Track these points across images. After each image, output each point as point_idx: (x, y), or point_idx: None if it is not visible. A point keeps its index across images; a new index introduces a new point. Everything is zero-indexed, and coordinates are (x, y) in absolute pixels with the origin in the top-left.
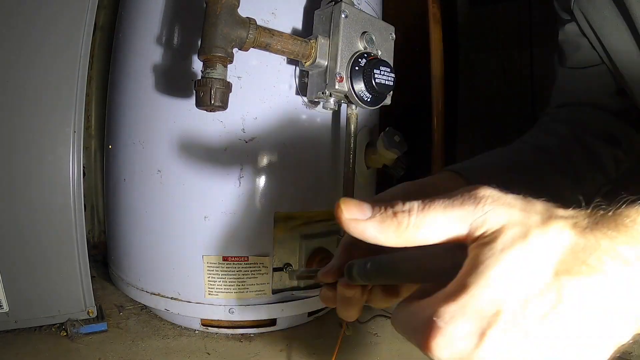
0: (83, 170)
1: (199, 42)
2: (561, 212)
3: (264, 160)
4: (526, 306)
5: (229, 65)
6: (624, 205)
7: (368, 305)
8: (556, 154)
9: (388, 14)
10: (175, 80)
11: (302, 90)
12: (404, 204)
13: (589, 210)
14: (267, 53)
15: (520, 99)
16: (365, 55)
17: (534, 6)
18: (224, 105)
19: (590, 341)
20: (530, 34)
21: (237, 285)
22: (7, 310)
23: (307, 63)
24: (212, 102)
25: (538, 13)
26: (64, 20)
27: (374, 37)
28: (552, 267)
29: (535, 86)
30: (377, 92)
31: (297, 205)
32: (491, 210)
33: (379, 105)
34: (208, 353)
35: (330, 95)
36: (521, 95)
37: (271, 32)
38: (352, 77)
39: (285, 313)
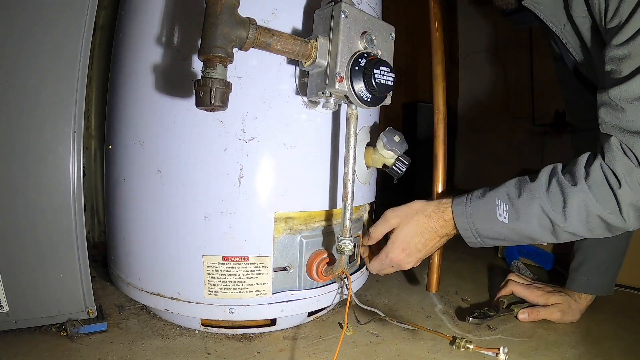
0: (83, 170)
1: (199, 42)
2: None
3: (264, 160)
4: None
5: (229, 65)
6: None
7: (368, 309)
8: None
9: (388, 14)
10: (175, 80)
11: (302, 90)
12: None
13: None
14: (267, 53)
15: (519, 98)
16: (365, 55)
17: None
18: (224, 105)
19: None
20: (530, 36)
21: (237, 285)
22: (7, 310)
23: (307, 63)
24: (212, 102)
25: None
26: (64, 20)
27: (374, 37)
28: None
29: (535, 86)
30: (377, 92)
31: (297, 205)
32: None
33: (379, 105)
34: (208, 353)
35: (330, 95)
36: (520, 94)
37: (271, 32)
38: (352, 77)
39: (285, 313)
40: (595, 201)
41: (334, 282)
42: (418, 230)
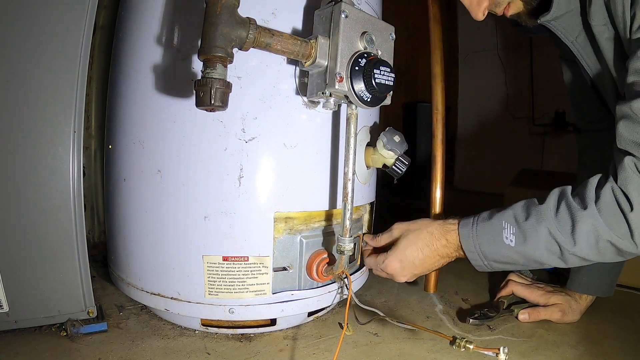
0: (83, 170)
1: (199, 42)
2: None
3: (264, 160)
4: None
5: (229, 65)
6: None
7: (368, 309)
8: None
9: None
10: (175, 80)
11: (302, 90)
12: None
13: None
14: (267, 53)
15: (519, 98)
16: (365, 55)
17: None
18: (224, 105)
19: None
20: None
21: (237, 285)
22: (7, 310)
23: (307, 63)
24: (212, 102)
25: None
26: (64, 20)
27: (374, 37)
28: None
29: (535, 86)
30: (377, 92)
31: (297, 205)
32: (395, 230)
33: (379, 105)
34: (208, 353)
35: (330, 95)
36: (520, 94)
37: (271, 32)
38: (352, 77)
39: (285, 313)
40: (605, 226)
41: (334, 282)
42: (418, 246)
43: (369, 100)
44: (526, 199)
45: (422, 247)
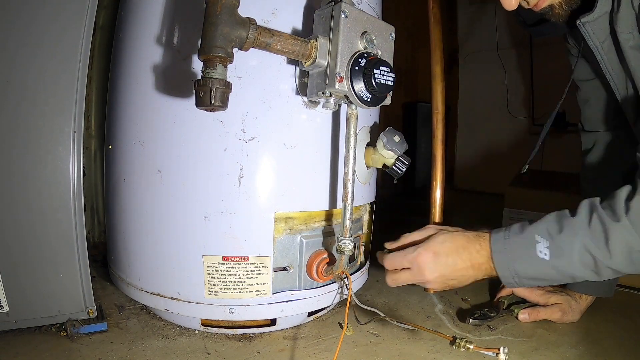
0: (83, 170)
1: (199, 42)
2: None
3: (264, 160)
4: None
5: (229, 65)
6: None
7: (368, 309)
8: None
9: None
10: (175, 80)
11: (302, 90)
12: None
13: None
14: (267, 53)
15: (519, 98)
16: (365, 55)
17: None
18: (224, 105)
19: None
20: (530, 36)
21: (237, 285)
22: (7, 310)
23: (307, 63)
24: (212, 102)
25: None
26: (63, 20)
27: (374, 37)
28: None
29: (535, 86)
30: (377, 92)
31: (297, 205)
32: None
33: (379, 105)
34: (208, 353)
35: (330, 95)
36: (520, 94)
37: (271, 32)
38: (352, 77)
39: (285, 313)
40: (638, 237)
41: (334, 282)
42: (454, 246)
43: (369, 100)
44: (557, 211)
45: (458, 247)
